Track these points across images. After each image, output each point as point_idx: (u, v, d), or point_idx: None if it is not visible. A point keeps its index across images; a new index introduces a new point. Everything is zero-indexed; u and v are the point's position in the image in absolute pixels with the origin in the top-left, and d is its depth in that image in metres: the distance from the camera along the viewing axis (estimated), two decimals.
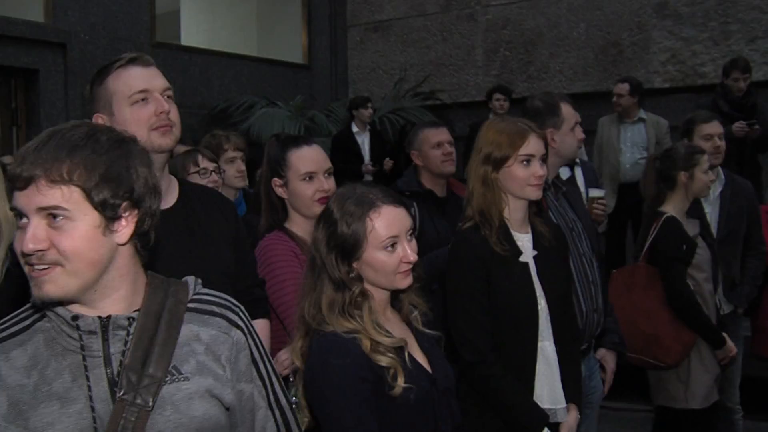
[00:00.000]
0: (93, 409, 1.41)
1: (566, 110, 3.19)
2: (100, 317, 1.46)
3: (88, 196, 1.39)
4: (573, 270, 2.98)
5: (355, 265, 2.07)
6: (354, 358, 1.99)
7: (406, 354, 2.07)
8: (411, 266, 2.10)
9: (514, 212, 2.68)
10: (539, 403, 2.59)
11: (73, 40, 7.39)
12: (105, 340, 1.46)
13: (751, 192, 4.41)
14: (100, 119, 2.20)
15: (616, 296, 3.53)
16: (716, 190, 4.19)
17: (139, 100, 2.17)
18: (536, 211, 2.78)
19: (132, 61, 2.22)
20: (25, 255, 1.39)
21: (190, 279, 1.61)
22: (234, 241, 2.41)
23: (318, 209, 2.77)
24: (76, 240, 1.39)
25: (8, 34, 7.00)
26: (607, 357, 3.27)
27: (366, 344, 2.01)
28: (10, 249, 2.30)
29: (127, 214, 1.45)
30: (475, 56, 8.88)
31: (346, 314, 2.04)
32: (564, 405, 2.64)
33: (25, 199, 1.39)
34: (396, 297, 2.20)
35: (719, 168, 4.21)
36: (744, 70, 6.07)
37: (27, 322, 1.49)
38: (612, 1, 8.17)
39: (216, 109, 8.49)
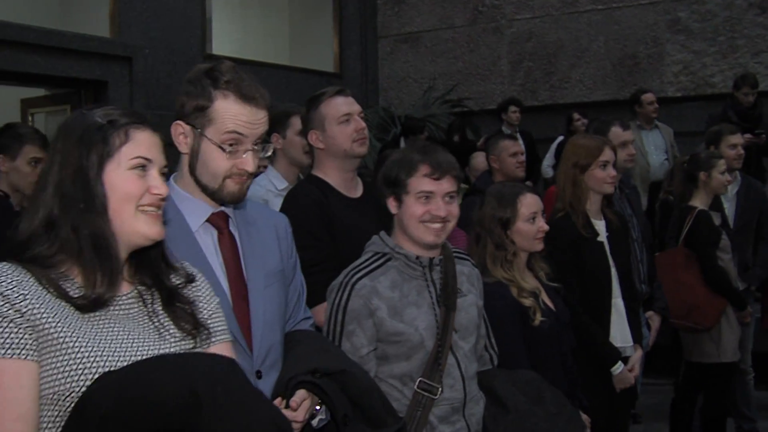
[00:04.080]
0: (434, 309, 2.62)
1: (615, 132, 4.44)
2: (429, 258, 2.67)
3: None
4: None
5: (508, 233, 3.27)
6: (508, 300, 3.18)
7: (540, 299, 3.26)
8: (544, 234, 3.30)
9: (593, 204, 3.90)
10: (614, 343, 3.81)
11: (137, 54, 8.45)
12: (431, 271, 2.68)
13: (762, 191, 5.70)
14: (314, 135, 3.33)
15: (662, 274, 4.77)
16: (733, 189, 5.44)
17: (344, 121, 3.28)
18: (606, 203, 3.98)
19: (338, 93, 3.36)
20: (442, 219, 2.66)
21: (447, 242, 2.80)
22: None
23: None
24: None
25: (80, 49, 8.03)
26: (654, 318, 4.53)
27: (514, 291, 3.21)
28: None
29: None
30: (500, 66, 10.09)
31: (504, 267, 3.23)
32: (631, 344, 3.89)
33: (439, 186, 2.64)
34: (529, 261, 3.39)
35: (737, 171, 5.44)
36: (753, 86, 7.34)
37: (381, 262, 2.69)
38: (628, 16, 9.40)
39: None
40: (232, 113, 2.12)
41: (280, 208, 3.31)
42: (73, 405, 1.59)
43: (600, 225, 3.91)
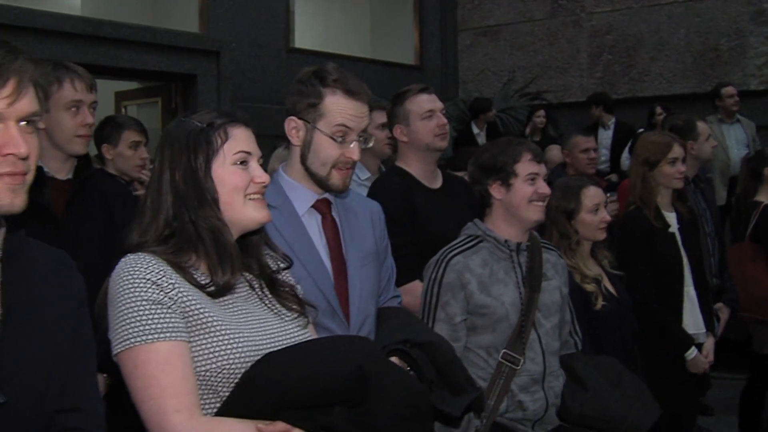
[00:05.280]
0: (519, 288, 2.96)
1: (702, 127, 4.68)
2: (516, 243, 3.01)
3: None
4: None
5: (572, 222, 3.58)
6: (571, 285, 3.46)
7: (602, 285, 3.56)
8: (606, 225, 3.59)
9: (664, 198, 4.16)
10: (686, 330, 4.07)
11: (224, 48, 8.89)
12: (518, 254, 3.01)
13: None
14: (399, 129, 3.67)
15: (731, 268, 4.99)
16: None
17: (427, 117, 3.63)
18: (677, 196, 4.24)
19: (422, 90, 3.70)
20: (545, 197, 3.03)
21: (535, 232, 3.11)
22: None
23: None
24: None
25: (171, 44, 8.50)
26: (723, 309, 4.74)
27: (577, 277, 3.50)
28: None
29: None
30: (579, 60, 10.29)
31: (567, 255, 3.53)
32: (704, 331, 4.13)
33: (540, 168, 3.03)
34: (593, 250, 3.68)
35: None
36: None
37: (472, 243, 3.02)
38: (711, 8, 9.49)
39: None
40: (341, 108, 2.48)
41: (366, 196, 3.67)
42: (235, 382, 1.88)
43: (671, 217, 4.17)
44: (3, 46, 1.51)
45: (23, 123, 1.53)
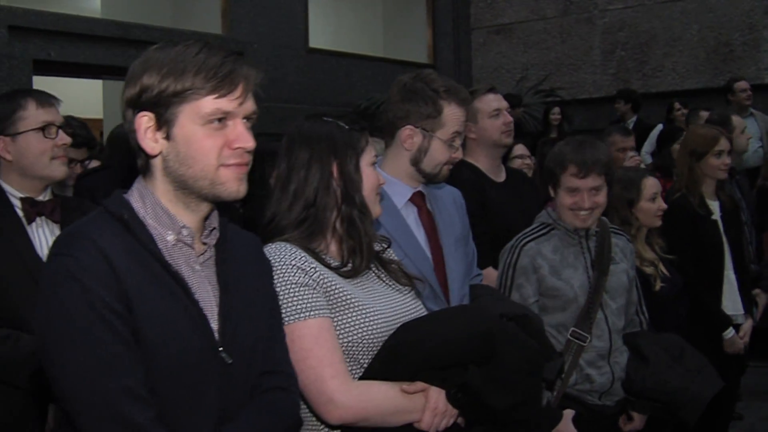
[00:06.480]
0: (588, 272, 3.19)
1: (737, 121, 4.95)
2: (585, 230, 3.22)
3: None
4: None
5: (633, 210, 3.84)
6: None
7: (659, 268, 3.81)
8: (662, 212, 3.85)
9: (708, 187, 4.42)
10: (725, 311, 4.33)
11: (247, 49, 9.09)
12: (587, 240, 3.24)
13: None
14: (467, 126, 3.90)
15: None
16: None
17: (494, 115, 3.88)
18: (720, 186, 4.49)
19: (489, 90, 3.95)
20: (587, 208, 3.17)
21: (604, 218, 3.34)
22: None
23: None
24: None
25: None
26: (761, 295, 4.98)
27: (637, 261, 3.74)
28: None
29: None
30: (593, 56, 10.55)
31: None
32: (743, 313, 4.38)
33: (584, 182, 3.14)
34: (647, 236, 3.93)
35: None
36: None
37: (545, 231, 3.25)
38: (724, 4, 9.75)
39: (360, 107, 10.15)
40: (456, 117, 2.76)
41: None
42: (373, 351, 2.12)
43: (714, 205, 4.43)
44: (230, 54, 1.74)
45: (244, 120, 1.75)
